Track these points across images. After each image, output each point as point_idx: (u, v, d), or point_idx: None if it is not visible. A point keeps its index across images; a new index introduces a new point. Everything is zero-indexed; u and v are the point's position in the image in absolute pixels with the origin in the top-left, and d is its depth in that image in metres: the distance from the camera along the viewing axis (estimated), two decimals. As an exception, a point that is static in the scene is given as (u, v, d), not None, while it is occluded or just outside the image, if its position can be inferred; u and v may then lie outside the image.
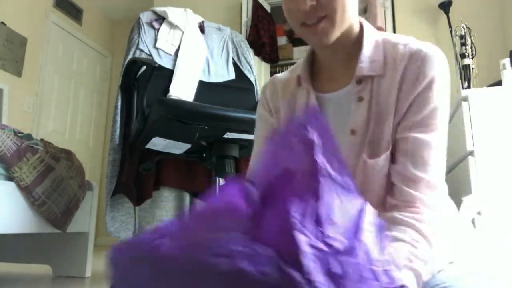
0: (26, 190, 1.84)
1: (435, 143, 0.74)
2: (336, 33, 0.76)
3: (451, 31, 3.09)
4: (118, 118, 1.98)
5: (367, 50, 0.80)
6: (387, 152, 0.75)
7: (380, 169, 0.75)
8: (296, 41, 4.62)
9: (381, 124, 0.76)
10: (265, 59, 3.73)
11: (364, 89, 0.78)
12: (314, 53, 0.89)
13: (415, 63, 0.75)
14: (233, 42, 2.47)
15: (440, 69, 0.75)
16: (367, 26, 0.83)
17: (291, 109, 0.88)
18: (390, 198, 0.75)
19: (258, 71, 3.30)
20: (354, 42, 0.82)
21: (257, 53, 3.57)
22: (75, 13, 4.90)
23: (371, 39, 0.81)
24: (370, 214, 0.51)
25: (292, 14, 0.78)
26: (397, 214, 0.70)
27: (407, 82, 0.75)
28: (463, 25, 2.83)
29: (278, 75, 0.97)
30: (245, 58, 2.43)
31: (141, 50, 2.13)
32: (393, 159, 0.76)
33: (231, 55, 2.41)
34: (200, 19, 2.46)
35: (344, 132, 0.79)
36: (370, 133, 0.76)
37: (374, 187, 0.76)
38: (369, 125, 0.77)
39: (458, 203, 0.82)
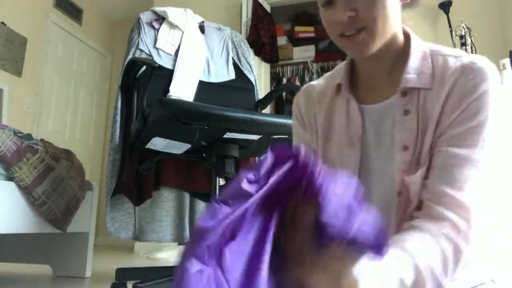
0: (26, 190, 1.84)
1: (472, 160, 0.68)
2: (377, 45, 0.73)
3: (451, 31, 3.09)
4: (118, 118, 1.97)
5: (414, 61, 0.76)
6: (423, 169, 0.70)
7: (418, 189, 0.70)
8: (296, 41, 4.62)
9: (423, 139, 0.72)
10: (265, 59, 3.73)
11: (410, 102, 0.74)
12: (353, 62, 0.86)
13: (467, 76, 0.70)
14: (233, 42, 2.47)
15: (493, 85, 0.70)
16: (414, 36, 0.80)
17: (328, 119, 0.85)
18: (415, 213, 0.70)
19: (258, 71, 3.30)
20: (399, 52, 0.78)
21: (257, 53, 3.57)
22: (75, 13, 4.90)
23: (418, 50, 0.78)
24: None
25: (331, 25, 0.75)
26: (414, 222, 0.66)
27: (455, 96, 0.70)
28: (463, 25, 2.83)
29: (313, 83, 0.92)
30: (245, 58, 2.43)
31: (141, 50, 2.13)
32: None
33: (231, 55, 2.41)
34: (200, 19, 2.46)
35: (391, 148, 0.75)
36: (418, 150, 0.72)
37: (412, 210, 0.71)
38: (423, 140, 0.72)
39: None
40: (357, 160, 0.79)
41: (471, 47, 2.80)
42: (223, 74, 2.32)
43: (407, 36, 0.80)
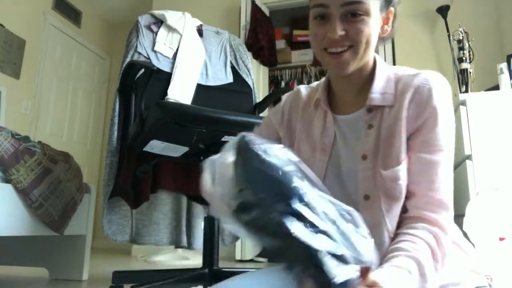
0: (23, 193, 1.84)
1: (438, 162, 0.79)
2: (356, 65, 0.83)
3: (449, 36, 3.10)
4: (116, 120, 1.97)
5: (379, 83, 0.86)
6: (402, 165, 0.79)
7: (400, 182, 0.79)
8: (295, 45, 4.63)
9: (391, 145, 0.81)
10: (263, 62, 3.73)
11: (374, 118, 0.84)
12: (329, 80, 0.95)
13: (420, 94, 0.81)
14: (231, 46, 2.47)
15: (443, 96, 0.81)
16: (380, 61, 0.90)
17: (307, 126, 0.95)
18: (403, 215, 0.79)
19: (256, 75, 3.30)
20: (367, 76, 0.88)
21: (255, 56, 3.57)
22: (74, 16, 4.90)
23: (383, 74, 0.88)
24: None
25: (318, 39, 0.84)
26: (404, 230, 0.76)
27: (413, 108, 0.81)
28: (460, 29, 2.84)
29: (302, 90, 1.02)
30: (243, 62, 2.43)
31: (139, 53, 2.13)
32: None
33: (229, 58, 2.41)
34: (198, 22, 2.46)
35: (355, 156, 0.85)
36: (381, 156, 0.81)
37: (399, 206, 0.79)
38: (379, 149, 0.82)
39: (456, 207, 0.82)
40: (324, 165, 0.89)
41: (469, 52, 2.81)
42: (221, 77, 2.32)
43: (374, 61, 0.90)
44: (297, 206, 0.56)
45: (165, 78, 2.13)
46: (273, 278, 0.84)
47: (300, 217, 0.55)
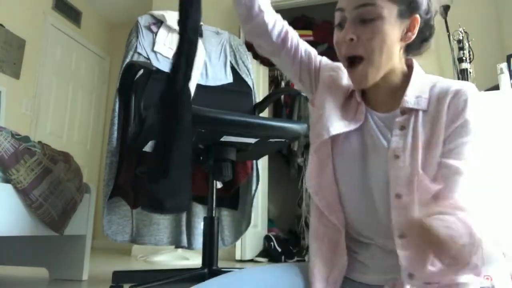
0: (23, 193, 1.84)
1: (465, 171, 0.79)
2: (374, 76, 0.86)
3: (448, 35, 3.10)
4: (116, 121, 1.97)
5: (414, 87, 0.87)
6: (439, 169, 0.81)
7: (437, 186, 0.79)
8: (295, 45, 4.61)
9: (432, 149, 0.82)
10: (263, 62, 3.73)
11: (407, 120, 0.85)
12: None
13: (458, 101, 0.82)
14: (231, 46, 2.47)
15: (476, 109, 0.83)
16: (417, 68, 0.92)
17: (335, 100, 0.94)
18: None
19: (256, 75, 3.30)
20: (401, 81, 0.90)
21: (255, 56, 3.57)
22: (74, 16, 4.90)
23: (419, 79, 0.89)
24: None
25: (338, 46, 0.88)
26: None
27: (449, 115, 0.83)
28: (461, 29, 2.84)
29: (343, 71, 1.00)
30: (243, 62, 2.43)
31: (139, 54, 2.13)
32: None
33: (229, 58, 2.41)
34: (198, 22, 2.46)
35: (384, 154, 0.85)
36: (420, 158, 0.82)
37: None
38: (416, 151, 0.82)
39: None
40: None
41: (469, 52, 2.81)
42: (221, 77, 2.32)
43: (411, 67, 0.92)
44: None
45: (165, 78, 2.13)
46: (259, 277, 0.84)
47: None
